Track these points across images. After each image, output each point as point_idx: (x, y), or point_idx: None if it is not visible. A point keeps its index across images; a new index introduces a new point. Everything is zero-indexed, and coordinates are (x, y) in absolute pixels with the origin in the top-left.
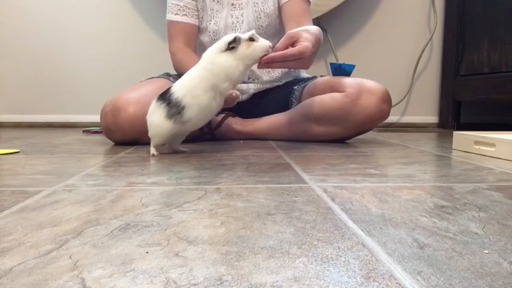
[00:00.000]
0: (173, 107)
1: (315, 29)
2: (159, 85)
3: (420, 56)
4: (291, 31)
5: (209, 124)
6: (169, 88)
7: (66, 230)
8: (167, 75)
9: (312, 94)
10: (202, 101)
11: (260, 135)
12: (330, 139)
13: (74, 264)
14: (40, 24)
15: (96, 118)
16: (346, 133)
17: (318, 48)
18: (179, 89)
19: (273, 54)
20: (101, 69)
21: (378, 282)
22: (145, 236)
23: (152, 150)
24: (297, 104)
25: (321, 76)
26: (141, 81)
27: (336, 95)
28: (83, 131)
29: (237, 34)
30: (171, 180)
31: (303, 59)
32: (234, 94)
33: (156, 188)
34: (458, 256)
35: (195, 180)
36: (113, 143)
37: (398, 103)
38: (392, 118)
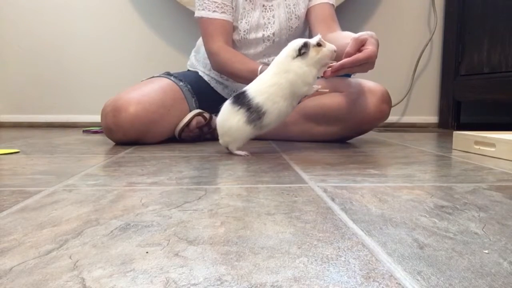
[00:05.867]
0: (253, 112)
1: (376, 36)
2: (160, 85)
3: (420, 56)
4: (358, 35)
5: (209, 124)
6: (242, 92)
7: (66, 230)
8: (168, 74)
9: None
10: (282, 107)
11: (259, 135)
12: (330, 139)
13: (74, 264)
14: (40, 25)
15: (96, 118)
16: (346, 133)
17: None
18: (258, 94)
19: (343, 61)
20: (101, 69)
21: (378, 282)
22: (145, 236)
23: (241, 153)
24: (297, 104)
25: (321, 76)
26: (142, 81)
27: (336, 95)
28: (83, 131)
29: (305, 39)
30: (171, 180)
31: (368, 64)
32: (318, 90)
33: (156, 188)
34: (458, 256)
35: (195, 180)
36: (113, 143)
37: (398, 103)
38: (392, 118)
